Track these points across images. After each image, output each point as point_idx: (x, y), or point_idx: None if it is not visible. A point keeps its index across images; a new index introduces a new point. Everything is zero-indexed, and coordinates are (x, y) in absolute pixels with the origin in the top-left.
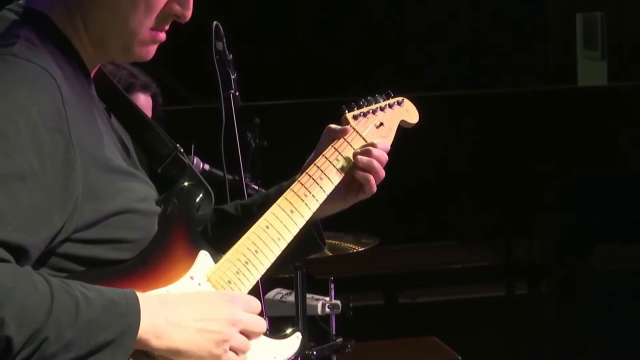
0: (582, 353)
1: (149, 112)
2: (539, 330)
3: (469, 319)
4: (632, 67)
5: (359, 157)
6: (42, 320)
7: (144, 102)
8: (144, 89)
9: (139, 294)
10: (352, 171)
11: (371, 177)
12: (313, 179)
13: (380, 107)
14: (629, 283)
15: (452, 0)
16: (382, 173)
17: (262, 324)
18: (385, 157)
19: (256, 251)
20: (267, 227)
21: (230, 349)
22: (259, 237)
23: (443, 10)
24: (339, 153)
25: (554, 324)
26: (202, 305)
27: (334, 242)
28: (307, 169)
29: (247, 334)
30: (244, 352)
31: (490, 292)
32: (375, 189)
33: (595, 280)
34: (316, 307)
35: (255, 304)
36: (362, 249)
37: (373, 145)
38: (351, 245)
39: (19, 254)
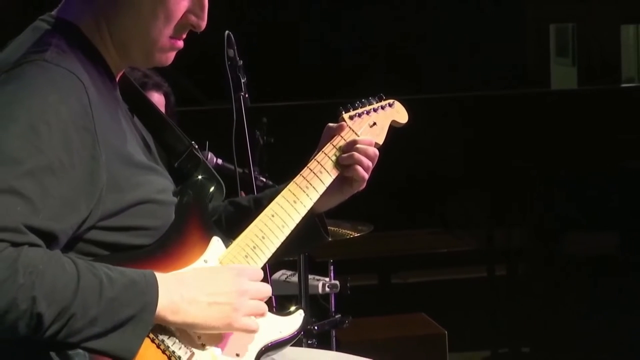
0: (554, 327)
1: (162, 110)
2: (516, 308)
3: (454, 298)
4: (599, 73)
5: (344, 155)
6: (69, 298)
7: (157, 100)
8: (157, 88)
9: (157, 274)
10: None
11: (357, 168)
12: (313, 172)
13: (373, 109)
14: (596, 266)
15: (438, 12)
16: (367, 162)
17: (267, 289)
18: (371, 150)
19: (263, 237)
20: (273, 216)
21: (245, 315)
22: (265, 224)
23: (428, 22)
24: (336, 149)
25: (529, 302)
26: (212, 280)
27: (333, 228)
28: (309, 163)
29: (259, 299)
30: (260, 314)
31: (473, 274)
32: (363, 176)
33: (566, 264)
34: (317, 286)
35: (259, 272)
36: (358, 234)
37: (355, 142)
38: (348, 232)
39: (49, 239)
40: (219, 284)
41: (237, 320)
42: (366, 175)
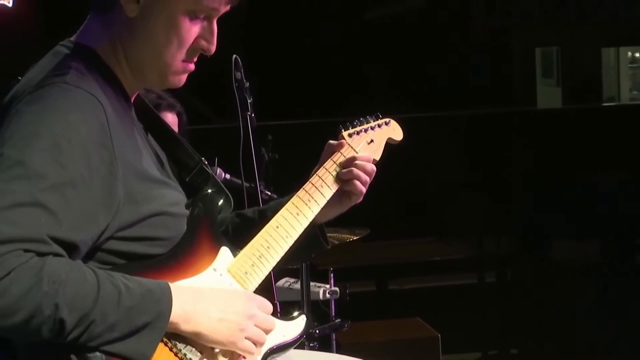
0: (541, 330)
1: (175, 129)
2: (505, 312)
3: (447, 303)
4: (582, 93)
5: (342, 171)
6: (90, 306)
7: (171, 120)
8: (170, 108)
9: (172, 285)
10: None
11: (357, 183)
12: (315, 186)
13: (370, 127)
14: (580, 272)
15: (437, 42)
16: (365, 177)
17: (272, 322)
18: (369, 167)
19: (268, 247)
20: (277, 227)
21: (247, 338)
22: (270, 235)
23: (429, 49)
24: (337, 165)
25: (517, 307)
26: (225, 299)
27: (332, 234)
28: (310, 178)
29: (262, 329)
30: (259, 342)
31: (464, 280)
32: (361, 190)
33: (551, 270)
34: (318, 293)
35: (268, 305)
36: (356, 237)
37: (354, 159)
38: (347, 236)
39: (70, 249)
40: (231, 304)
41: (240, 340)
42: (364, 189)
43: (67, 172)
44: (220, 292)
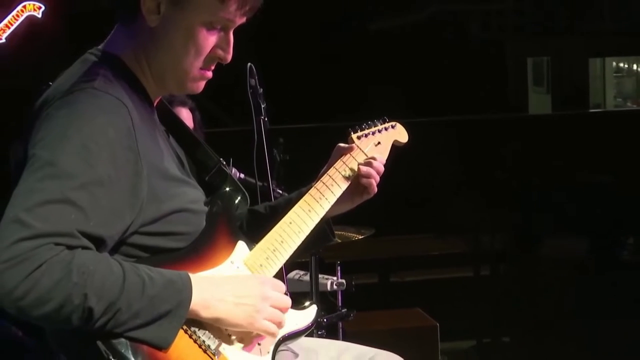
0: (531, 320)
1: (190, 123)
2: (499, 304)
3: (445, 294)
4: (570, 100)
5: (363, 167)
6: (116, 295)
7: (185, 115)
8: (183, 104)
9: (191, 275)
10: (356, 179)
11: (372, 181)
12: (326, 185)
13: (378, 130)
14: (568, 267)
15: (437, 53)
16: (378, 178)
17: (288, 300)
18: (382, 168)
19: (282, 241)
20: (290, 223)
21: (264, 319)
22: (284, 230)
23: (430, 59)
24: (346, 165)
25: (510, 298)
26: (240, 284)
27: (340, 232)
28: (321, 177)
29: (278, 308)
30: (277, 321)
31: (461, 274)
32: (376, 190)
33: (541, 265)
34: (326, 284)
35: (281, 285)
36: (362, 237)
37: (374, 158)
38: (353, 235)
39: (98, 243)
40: (246, 288)
41: (258, 321)
42: (375, 189)
43: (95, 172)
44: (235, 278)
